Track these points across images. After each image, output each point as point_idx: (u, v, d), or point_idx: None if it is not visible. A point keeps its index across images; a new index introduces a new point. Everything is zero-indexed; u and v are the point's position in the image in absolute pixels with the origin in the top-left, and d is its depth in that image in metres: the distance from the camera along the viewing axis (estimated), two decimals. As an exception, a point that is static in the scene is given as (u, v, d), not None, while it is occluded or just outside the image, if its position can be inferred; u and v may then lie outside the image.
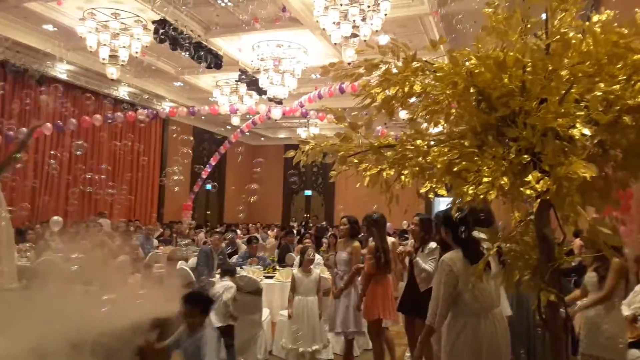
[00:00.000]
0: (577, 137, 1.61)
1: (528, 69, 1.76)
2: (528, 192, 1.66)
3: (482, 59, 1.78)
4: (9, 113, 10.52)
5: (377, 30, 7.66)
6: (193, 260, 7.08)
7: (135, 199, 15.49)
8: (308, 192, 21.04)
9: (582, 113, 1.65)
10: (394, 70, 2.08)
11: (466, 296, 2.77)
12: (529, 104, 1.75)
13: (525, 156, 1.75)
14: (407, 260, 4.80)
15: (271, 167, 19.70)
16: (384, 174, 1.94)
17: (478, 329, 2.76)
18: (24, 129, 9.89)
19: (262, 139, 20.43)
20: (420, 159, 1.92)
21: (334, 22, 7.79)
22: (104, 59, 9.13)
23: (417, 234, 4.68)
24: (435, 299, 2.86)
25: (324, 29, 7.91)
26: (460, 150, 1.87)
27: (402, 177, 1.93)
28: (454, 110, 1.88)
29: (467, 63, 1.84)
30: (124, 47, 9.19)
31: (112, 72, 9.42)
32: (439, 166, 1.89)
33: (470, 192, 1.77)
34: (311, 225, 15.55)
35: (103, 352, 2.66)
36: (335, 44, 8.09)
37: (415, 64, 2.01)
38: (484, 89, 1.87)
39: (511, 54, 1.77)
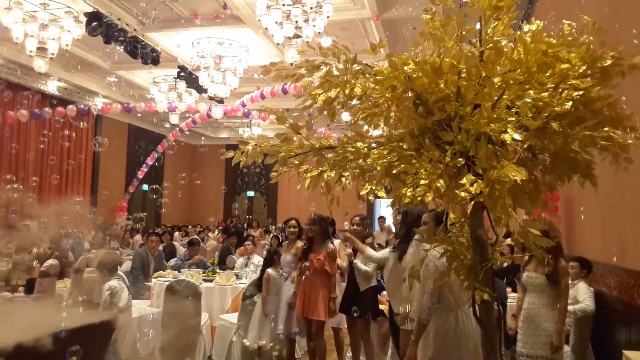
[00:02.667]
0: (508, 142, 1.67)
1: (463, 75, 1.81)
2: (463, 194, 1.71)
3: (420, 64, 1.81)
4: None
5: (319, 32, 7.69)
6: (128, 264, 6.80)
7: (65, 200, 14.67)
8: (250, 193, 20.83)
9: (513, 119, 1.72)
10: (335, 73, 2.08)
11: (444, 292, 2.92)
12: (463, 109, 1.79)
13: (460, 159, 1.80)
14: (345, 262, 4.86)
15: (212, 167, 19.34)
16: (325, 175, 1.93)
17: (457, 324, 2.89)
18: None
19: (203, 138, 19.99)
20: (361, 161, 1.93)
21: (276, 22, 7.74)
22: (31, 51, 8.57)
23: (358, 234, 4.74)
24: (421, 295, 2.96)
25: (266, 29, 7.84)
26: (399, 153, 1.89)
27: (343, 178, 1.93)
28: (393, 114, 1.90)
29: (405, 68, 1.87)
30: (54, 39, 8.66)
31: (40, 65, 8.84)
32: (378, 168, 1.91)
33: (408, 194, 1.80)
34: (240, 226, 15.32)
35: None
36: (277, 44, 8.04)
37: (355, 67, 2.02)
38: (421, 93, 1.90)
39: (447, 60, 1.81)
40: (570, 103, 1.76)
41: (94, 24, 8.43)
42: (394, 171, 1.88)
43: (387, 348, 4.60)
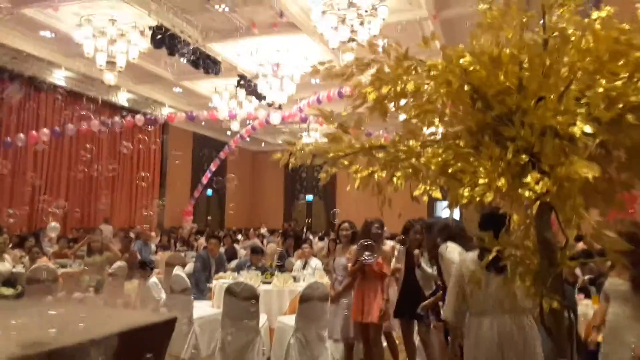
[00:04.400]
0: (577, 135, 1.53)
1: (525, 66, 1.68)
2: (527, 194, 1.58)
3: (477, 55, 1.70)
4: (7, 121, 10.51)
5: (375, 35, 7.61)
6: (190, 266, 7.00)
7: (136, 205, 15.46)
8: (309, 198, 20.96)
9: (583, 111, 1.57)
10: (387, 70, 2.01)
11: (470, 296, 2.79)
12: (526, 102, 1.67)
13: (524, 156, 1.67)
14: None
15: (272, 172, 19.67)
16: (376, 176, 1.86)
17: (479, 330, 2.73)
18: (21, 134, 9.88)
19: (263, 144, 20.39)
20: (414, 160, 1.84)
21: (331, 27, 7.74)
22: (101, 65, 9.10)
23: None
24: (448, 296, 2.92)
25: (321, 34, 7.86)
26: (455, 151, 1.79)
27: (395, 179, 1.85)
28: (448, 110, 1.80)
29: (461, 61, 1.76)
30: (122, 52, 9.16)
31: (110, 78, 9.39)
32: (432, 168, 1.81)
33: (466, 194, 1.69)
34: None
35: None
36: (333, 48, 8.04)
37: (407, 63, 1.94)
38: (479, 87, 1.79)
39: (507, 50, 1.69)
40: (647, 92, 1.58)
41: (159, 37, 8.82)
42: (450, 170, 1.78)
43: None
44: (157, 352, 3.49)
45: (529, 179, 1.59)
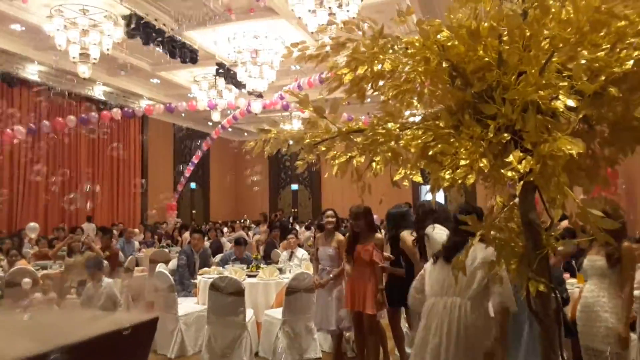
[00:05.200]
0: (560, 110, 1.45)
1: (504, 39, 1.60)
2: (509, 173, 1.51)
3: (454, 29, 1.61)
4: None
5: (353, 17, 7.47)
6: (174, 262, 6.87)
7: (118, 201, 15.20)
8: (294, 187, 20.86)
9: (566, 83, 1.49)
10: (362, 49, 1.92)
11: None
12: (507, 77, 1.59)
13: (506, 135, 1.59)
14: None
15: (256, 162, 19.48)
16: (354, 161, 1.77)
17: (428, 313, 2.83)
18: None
19: (246, 134, 20.18)
20: (393, 143, 1.76)
21: (309, 10, 7.59)
22: (74, 58, 8.82)
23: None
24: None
25: (300, 18, 7.71)
26: (435, 132, 1.71)
27: (374, 164, 1.76)
28: (426, 90, 1.71)
29: (438, 36, 1.67)
30: (95, 44, 8.87)
31: (84, 70, 9.10)
32: (412, 150, 1.73)
33: (447, 176, 1.61)
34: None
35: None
36: (312, 32, 7.89)
37: (383, 41, 1.84)
38: (457, 63, 1.71)
39: (485, 23, 1.61)
40: (631, 62, 1.51)
41: (132, 26, 8.57)
42: (430, 152, 1.70)
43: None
44: (140, 352, 3.40)
45: (511, 158, 1.52)
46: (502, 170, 1.54)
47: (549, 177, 1.46)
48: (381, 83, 1.91)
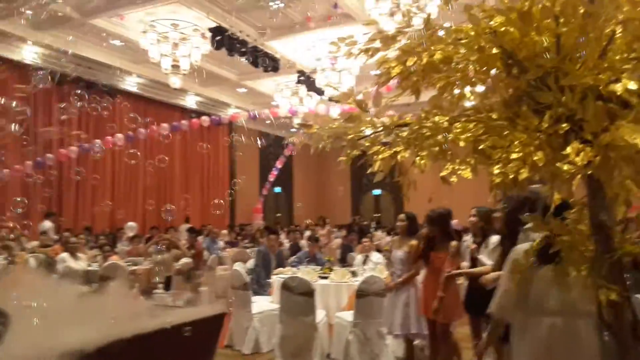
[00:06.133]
0: (620, 94, 1.28)
1: (561, 20, 1.45)
2: (565, 167, 1.36)
3: (504, 12, 1.49)
4: (86, 126, 11.25)
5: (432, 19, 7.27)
6: (252, 262, 7.10)
7: (208, 205, 16.04)
8: (377, 192, 20.69)
9: (629, 66, 1.32)
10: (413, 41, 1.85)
11: (529, 293, 2.37)
12: (565, 62, 1.44)
13: (564, 125, 1.44)
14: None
15: (338, 166, 19.61)
16: (399, 157, 1.70)
17: (535, 332, 2.41)
18: (98, 140, 10.52)
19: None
20: (440, 137, 1.66)
21: (386, 14, 7.51)
22: (166, 69, 9.46)
23: (475, 226, 4.34)
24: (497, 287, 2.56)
25: (377, 22, 7.64)
26: (487, 125, 1.59)
27: (418, 159, 1.68)
28: (479, 80, 1.60)
29: (490, 22, 1.56)
30: (185, 56, 9.47)
31: (175, 81, 9.75)
32: (461, 144, 1.63)
33: (497, 171, 1.49)
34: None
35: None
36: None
37: (432, 30, 1.76)
38: (512, 50, 1.58)
39: (539, 5, 1.47)
40: None
41: (218, 38, 9.02)
42: (481, 146, 1.58)
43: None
44: (208, 344, 3.52)
45: (569, 150, 1.37)
46: (557, 164, 1.40)
47: (610, 170, 1.30)
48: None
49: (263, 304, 5.85)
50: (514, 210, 3.28)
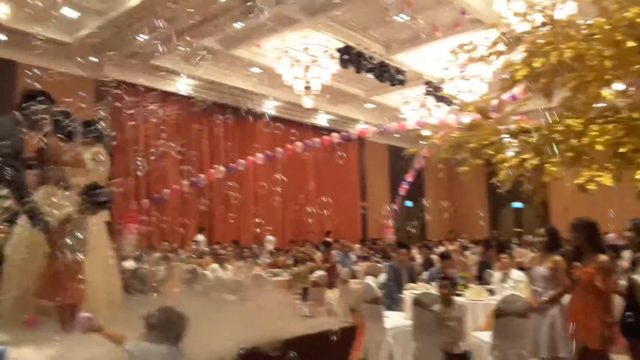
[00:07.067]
0: None
1: None
2: None
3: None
4: (231, 147, 12.35)
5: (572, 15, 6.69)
6: (383, 276, 7.09)
7: (342, 218, 16.46)
8: (517, 204, 19.31)
9: None
10: (540, 41, 1.74)
11: None
12: None
13: None
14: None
15: (473, 179, 18.75)
16: (527, 164, 1.60)
17: None
18: (241, 160, 11.45)
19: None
20: (574, 141, 1.53)
21: (519, 14, 7.08)
22: (299, 91, 10.02)
23: (633, 242, 3.85)
24: None
25: (508, 24, 7.25)
26: (629, 125, 1.43)
27: (548, 165, 1.56)
28: (610, 78, 1.46)
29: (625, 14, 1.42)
30: (315, 77, 9.94)
31: (307, 102, 10.26)
32: (599, 148, 1.48)
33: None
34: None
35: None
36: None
37: (562, 28, 1.64)
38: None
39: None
40: None
41: (345, 57, 9.31)
42: (622, 149, 1.43)
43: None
44: (341, 355, 3.61)
45: None
46: None
47: None
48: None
49: (396, 320, 5.79)
50: None
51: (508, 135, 1.65)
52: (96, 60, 8.75)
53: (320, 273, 7.46)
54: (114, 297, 3.55)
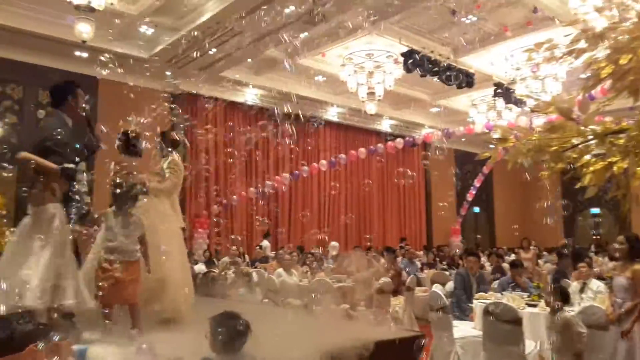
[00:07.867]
0: None
1: None
2: None
3: None
4: (297, 154, 12.54)
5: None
6: (450, 284, 6.89)
7: (405, 224, 16.21)
8: (595, 210, 18.17)
9: None
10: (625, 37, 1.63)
11: None
12: None
13: None
14: None
15: (543, 182, 17.84)
16: (615, 167, 1.50)
17: None
18: (305, 167, 11.59)
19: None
20: (670, 143, 1.42)
21: (599, 9, 6.68)
22: (362, 98, 10.01)
23: None
24: None
25: (584, 20, 6.86)
26: None
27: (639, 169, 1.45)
28: None
29: None
30: (379, 83, 9.89)
31: (371, 108, 10.23)
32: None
33: None
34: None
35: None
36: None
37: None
38: None
39: None
40: None
41: (410, 61, 9.19)
42: None
43: None
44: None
45: None
46: None
47: None
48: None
49: (465, 329, 5.61)
50: None
51: (593, 137, 1.55)
52: (169, 73, 9.21)
53: (384, 280, 7.37)
54: (190, 295, 3.81)
